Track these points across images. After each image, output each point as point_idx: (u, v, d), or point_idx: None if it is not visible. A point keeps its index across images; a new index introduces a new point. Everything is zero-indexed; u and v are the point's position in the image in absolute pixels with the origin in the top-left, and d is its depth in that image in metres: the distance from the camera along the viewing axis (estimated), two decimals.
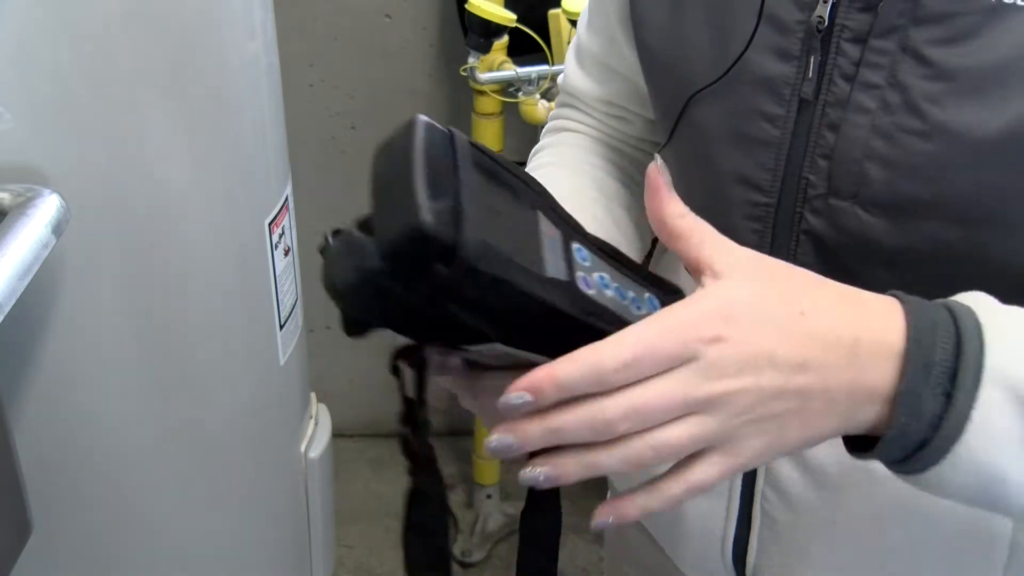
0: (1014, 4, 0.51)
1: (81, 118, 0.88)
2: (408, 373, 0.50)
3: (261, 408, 1.15)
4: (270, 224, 1.09)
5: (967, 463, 0.45)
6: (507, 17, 1.50)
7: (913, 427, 0.46)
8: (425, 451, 0.51)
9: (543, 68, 1.62)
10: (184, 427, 1.05)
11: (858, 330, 0.47)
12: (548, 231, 0.48)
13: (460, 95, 1.92)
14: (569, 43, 1.66)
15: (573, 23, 1.54)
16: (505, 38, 1.60)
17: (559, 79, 0.83)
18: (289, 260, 1.16)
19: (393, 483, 2.16)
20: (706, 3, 0.63)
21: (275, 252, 1.10)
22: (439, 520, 0.54)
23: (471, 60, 1.58)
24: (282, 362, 1.16)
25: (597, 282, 0.48)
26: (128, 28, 0.88)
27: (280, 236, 1.12)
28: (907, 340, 0.46)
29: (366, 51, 1.90)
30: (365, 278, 0.45)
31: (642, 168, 0.78)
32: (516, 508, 1.79)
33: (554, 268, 0.46)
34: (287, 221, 1.14)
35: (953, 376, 0.45)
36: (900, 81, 0.55)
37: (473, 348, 0.48)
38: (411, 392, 0.50)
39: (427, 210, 0.42)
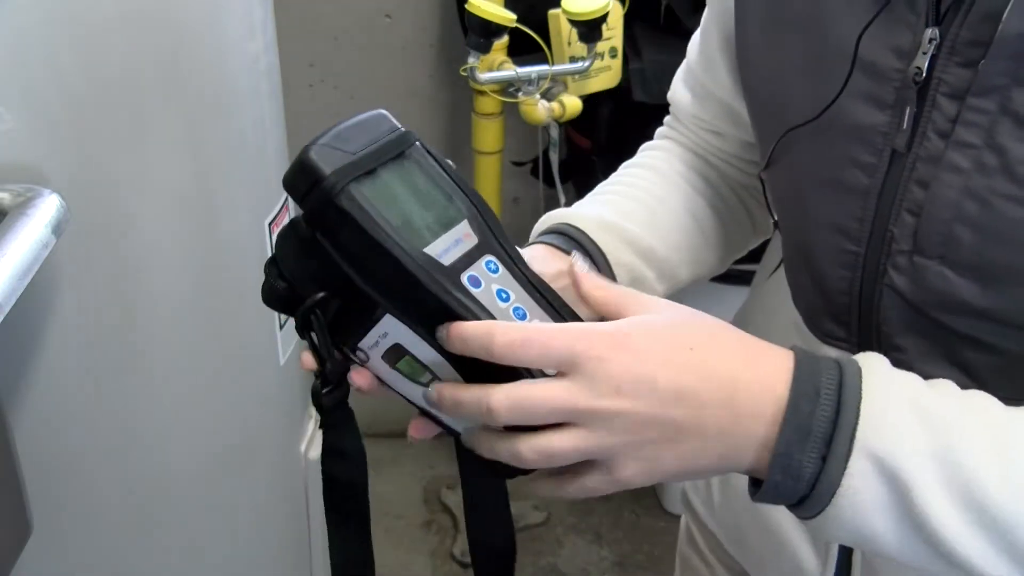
0: None
1: (81, 118, 0.88)
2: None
3: (261, 408, 1.15)
4: (270, 224, 1.09)
5: (839, 521, 0.49)
6: (507, 17, 1.50)
7: (789, 485, 0.49)
8: (333, 406, 0.56)
9: (543, 68, 1.62)
10: (184, 427, 1.05)
11: (742, 378, 0.49)
12: (464, 233, 0.53)
13: (460, 95, 1.92)
14: (569, 43, 1.66)
15: (573, 23, 1.54)
16: (505, 38, 1.60)
17: (669, 94, 0.85)
18: None
19: (393, 483, 2.16)
20: (805, 44, 0.61)
21: None
22: (355, 479, 0.59)
23: (471, 60, 1.58)
24: (282, 362, 1.16)
25: (493, 292, 0.52)
26: (128, 28, 0.88)
27: None
28: (787, 404, 0.48)
29: (366, 51, 1.90)
30: (281, 233, 0.53)
31: (732, 182, 0.79)
32: (517, 508, 1.79)
33: (440, 252, 0.51)
34: (287, 221, 1.14)
35: (829, 442, 0.47)
36: (998, 143, 0.52)
37: (370, 335, 0.53)
38: (322, 350, 0.54)
39: (317, 147, 0.51)
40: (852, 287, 0.62)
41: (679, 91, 0.82)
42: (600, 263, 0.68)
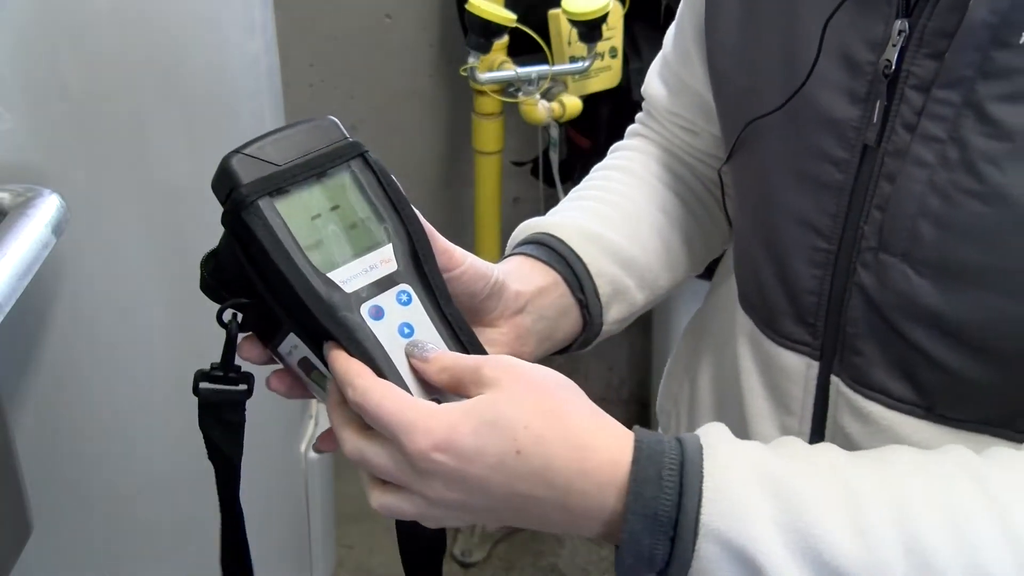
0: None
1: (81, 119, 0.88)
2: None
3: (261, 408, 1.15)
4: None
5: None
6: (507, 17, 1.50)
7: (643, 566, 0.48)
8: (218, 399, 0.56)
9: (543, 68, 1.62)
10: (183, 427, 1.05)
11: (575, 485, 0.47)
12: (383, 259, 0.51)
13: (460, 95, 1.92)
14: (569, 43, 1.66)
15: (573, 23, 1.54)
16: (505, 38, 1.60)
17: (643, 87, 0.83)
18: None
19: None
20: (777, 33, 0.60)
21: None
22: (227, 468, 0.59)
23: (471, 60, 1.59)
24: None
25: (395, 325, 0.50)
26: (127, 29, 0.88)
27: None
28: (628, 492, 0.47)
29: (366, 51, 1.91)
30: (224, 231, 0.51)
31: (705, 182, 0.77)
32: None
33: (347, 277, 0.50)
34: None
35: (675, 525, 0.47)
36: (961, 137, 0.52)
37: (283, 343, 0.53)
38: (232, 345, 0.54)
39: (241, 155, 0.50)
40: (822, 286, 0.60)
41: (654, 85, 0.80)
42: (582, 275, 0.66)
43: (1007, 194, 0.50)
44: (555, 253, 0.66)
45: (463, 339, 0.52)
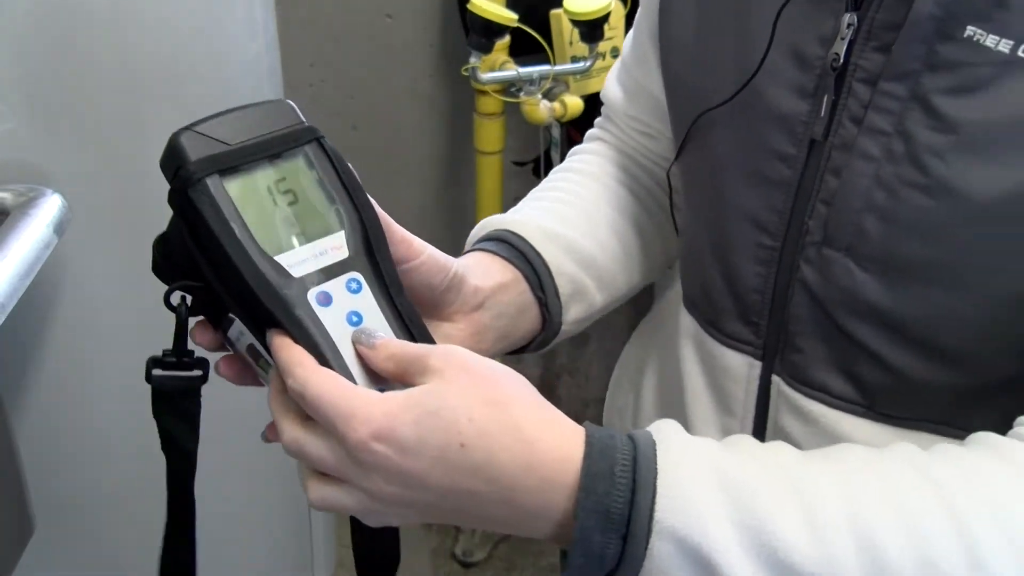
0: None
1: (82, 119, 0.88)
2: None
3: (261, 407, 1.15)
4: None
5: None
6: (509, 17, 1.50)
7: (593, 566, 0.46)
8: (172, 387, 0.54)
9: (545, 68, 1.62)
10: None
11: (520, 482, 0.45)
12: (334, 245, 0.50)
13: (462, 95, 1.92)
14: (571, 43, 1.66)
15: (575, 23, 1.54)
16: (507, 38, 1.60)
17: (602, 91, 0.82)
18: None
19: None
20: (731, 25, 0.60)
21: None
22: (181, 470, 0.58)
23: (473, 60, 1.59)
24: None
25: (343, 313, 0.49)
26: (129, 29, 0.88)
27: None
28: (579, 487, 0.45)
29: (367, 51, 1.91)
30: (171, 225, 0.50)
31: (663, 185, 0.76)
32: None
33: (296, 261, 0.48)
34: None
35: (628, 523, 0.45)
36: (907, 130, 0.52)
37: (231, 329, 0.51)
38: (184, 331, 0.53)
39: (191, 131, 0.48)
40: (766, 284, 0.60)
41: (612, 89, 0.79)
42: (542, 273, 0.65)
43: (951, 187, 0.50)
44: (516, 250, 0.66)
45: (413, 331, 0.51)
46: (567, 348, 2.06)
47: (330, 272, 0.49)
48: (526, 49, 1.65)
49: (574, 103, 1.64)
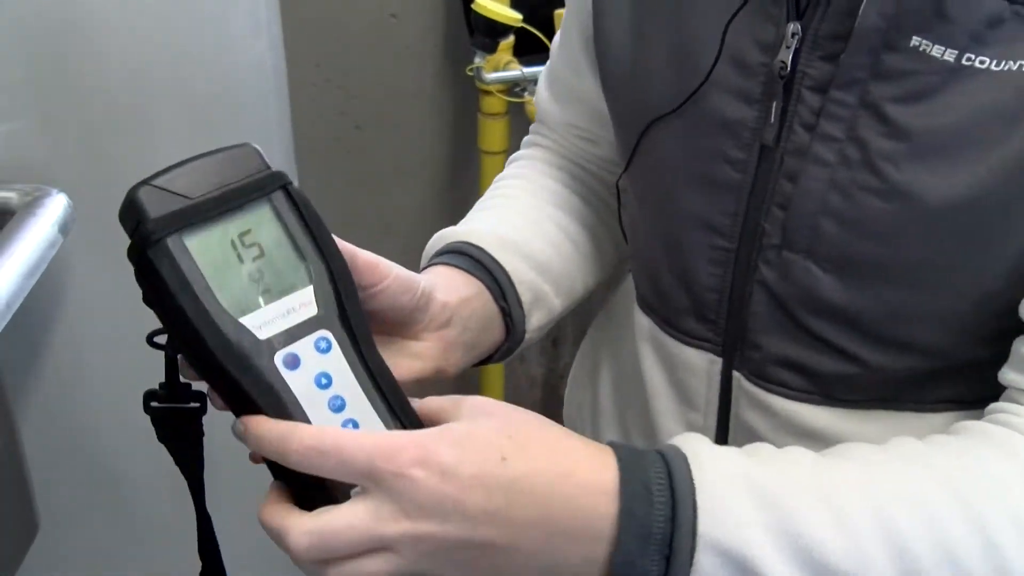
0: (972, 66, 0.49)
1: (88, 118, 0.89)
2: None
3: None
4: None
5: None
6: (513, 17, 1.51)
7: None
8: (172, 418, 0.53)
9: None
10: None
11: (558, 494, 0.45)
12: (302, 302, 0.47)
13: (466, 95, 1.92)
14: None
15: None
16: (511, 38, 1.60)
17: (535, 99, 0.82)
18: None
19: None
20: (669, 34, 0.61)
21: None
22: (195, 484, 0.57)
23: (477, 60, 1.59)
24: None
25: (311, 375, 0.47)
26: (134, 28, 0.89)
27: None
28: (619, 510, 0.45)
29: (372, 51, 1.91)
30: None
31: (609, 188, 0.76)
32: None
33: (261, 322, 0.46)
34: None
35: (670, 541, 0.46)
36: (859, 136, 0.53)
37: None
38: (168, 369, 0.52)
39: (150, 187, 0.47)
40: (723, 284, 0.61)
41: (544, 97, 0.79)
42: (504, 283, 0.65)
43: (905, 191, 0.52)
44: (475, 261, 0.66)
45: (384, 388, 0.49)
46: (570, 350, 2.06)
47: (298, 332, 0.47)
48: (530, 49, 1.65)
49: None
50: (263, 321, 0.46)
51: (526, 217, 0.72)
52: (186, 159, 0.48)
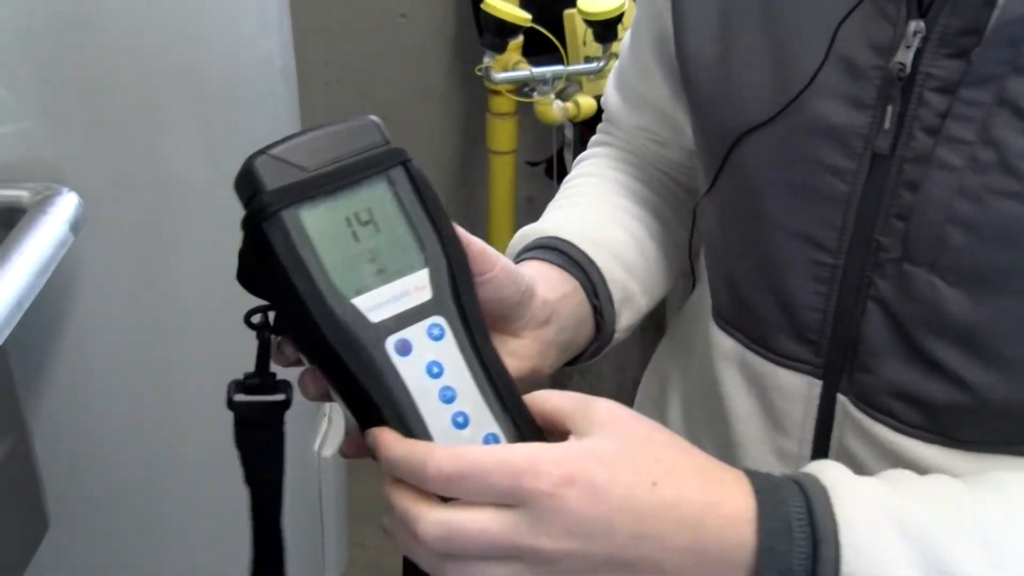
0: None
1: (98, 117, 0.89)
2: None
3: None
4: None
5: None
6: (522, 17, 1.51)
7: None
8: (255, 414, 0.51)
9: (558, 68, 1.62)
10: (196, 425, 1.06)
11: (706, 522, 0.44)
12: (416, 285, 0.46)
13: (475, 95, 1.92)
14: (584, 43, 1.66)
15: (588, 23, 1.55)
16: (520, 38, 1.60)
17: (602, 99, 0.80)
18: None
19: None
20: (763, 38, 0.57)
21: None
22: (271, 481, 0.54)
23: (486, 60, 1.59)
24: None
25: (423, 363, 0.45)
26: (143, 27, 0.89)
27: None
28: (757, 546, 0.44)
29: (381, 51, 1.91)
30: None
31: (683, 188, 0.74)
32: None
33: (373, 305, 0.45)
34: None
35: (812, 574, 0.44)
36: (994, 137, 0.49)
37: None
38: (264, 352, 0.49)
39: (267, 156, 0.45)
40: (828, 303, 0.58)
41: (614, 99, 0.77)
42: (596, 280, 0.63)
43: None
44: (567, 258, 0.64)
45: (496, 382, 0.47)
46: None
47: (411, 316, 0.45)
48: (540, 49, 1.65)
49: (587, 103, 1.64)
50: (375, 303, 0.45)
51: (606, 214, 0.70)
52: (305, 129, 0.47)
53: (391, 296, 0.45)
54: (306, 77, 1.26)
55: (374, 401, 0.45)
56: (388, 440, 0.44)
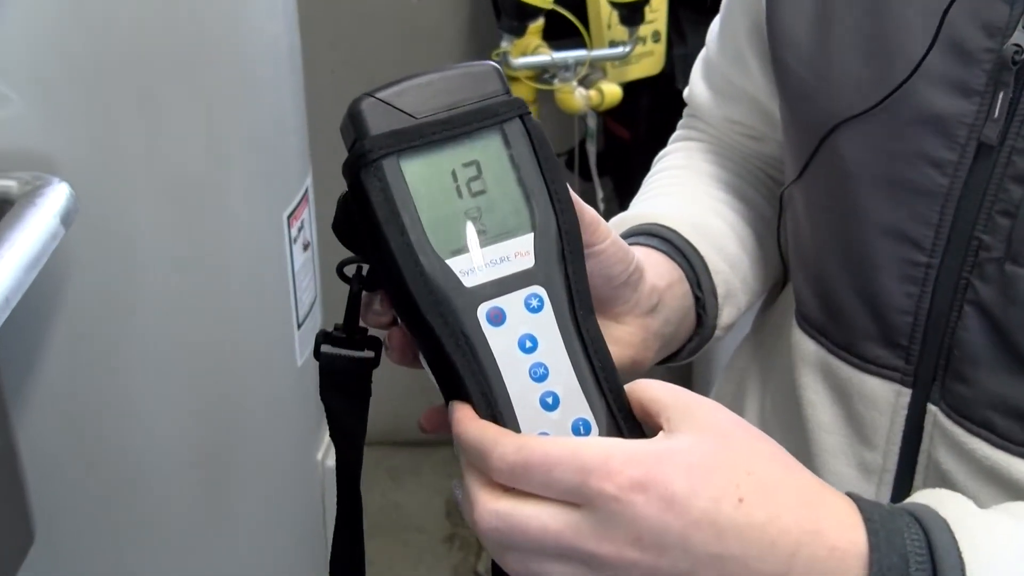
0: None
1: (92, 103, 0.89)
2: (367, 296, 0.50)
3: (276, 412, 1.16)
4: (289, 217, 1.09)
5: None
6: None
7: None
8: (340, 366, 0.51)
9: (581, 53, 1.61)
10: (195, 431, 1.06)
11: (803, 551, 0.41)
12: (520, 250, 0.45)
13: None
14: (609, 26, 1.65)
15: (614, 5, 1.54)
16: (541, 21, 1.60)
17: (685, 92, 0.79)
18: (308, 256, 1.16)
19: (413, 493, 2.17)
20: (863, 20, 0.57)
21: (294, 247, 1.11)
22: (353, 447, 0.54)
23: (504, 44, 1.59)
24: (299, 363, 1.16)
25: (515, 336, 0.44)
26: (142, 9, 0.89)
27: (299, 230, 1.12)
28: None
29: (392, 34, 1.91)
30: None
31: (780, 185, 0.71)
32: None
33: (470, 267, 0.44)
34: (307, 214, 1.15)
35: None
36: None
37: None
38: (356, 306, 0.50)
39: (375, 99, 0.45)
40: (920, 305, 0.57)
41: (700, 91, 0.76)
42: (700, 271, 0.63)
43: None
44: (672, 246, 0.63)
45: (595, 364, 0.46)
46: None
47: (508, 284, 0.45)
48: (561, 33, 1.65)
49: (612, 91, 1.63)
50: (472, 266, 0.45)
51: (705, 205, 0.69)
52: (417, 73, 0.47)
53: (490, 260, 0.45)
54: (312, 61, 1.26)
55: (458, 372, 0.44)
56: (462, 418, 0.44)
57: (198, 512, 1.11)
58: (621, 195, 1.87)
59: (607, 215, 0.65)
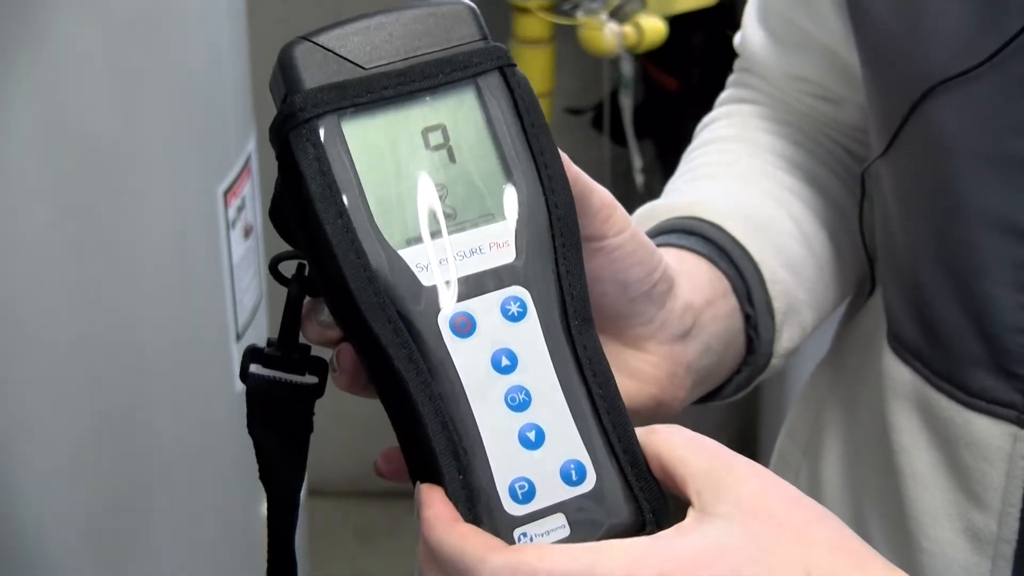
0: None
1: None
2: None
3: (208, 450, 1.16)
4: (226, 193, 1.09)
5: None
6: None
7: None
8: (275, 393, 0.50)
9: None
10: (96, 471, 1.06)
11: None
12: (497, 240, 0.45)
13: (495, 15, 1.92)
14: None
15: None
16: None
17: (735, 39, 0.79)
18: (251, 244, 1.16)
19: (386, 556, 2.17)
20: None
21: (232, 232, 1.11)
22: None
23: None
24: (238, 388, 1.16)
25: (487, 352, 0.44)
26: None
27: (239, 210, 1.12)
28: None
29: None
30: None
31: (861, 163, 0.72)
32: None
33: (430, 261, 0.44)
34: (248, 190, 1.15)
35: None
36: None
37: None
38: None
39: (312, 43, 0.45)
40: None
41: (755, 38, 0.76)
42: (751, 280, 0.63)
43: None
44: (715, 247, 0.63)
45: (593, 389, 0.45)
46: None
47: (481, 283, 0.45)
48: None
49: (653, 27, 1.63)
50: (433, 259, 0.44)
51: (764, 191, 0.69)
52: (367, 13, 0.46)
53: (458, 252, 0.45)
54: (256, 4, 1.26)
55: (412, 398, 0.43)
56: (434, 519, 0.43)
57: (192, 514, 1.12)
58: (666, 164, 1.86)
59: (648, 192, 0.64)
